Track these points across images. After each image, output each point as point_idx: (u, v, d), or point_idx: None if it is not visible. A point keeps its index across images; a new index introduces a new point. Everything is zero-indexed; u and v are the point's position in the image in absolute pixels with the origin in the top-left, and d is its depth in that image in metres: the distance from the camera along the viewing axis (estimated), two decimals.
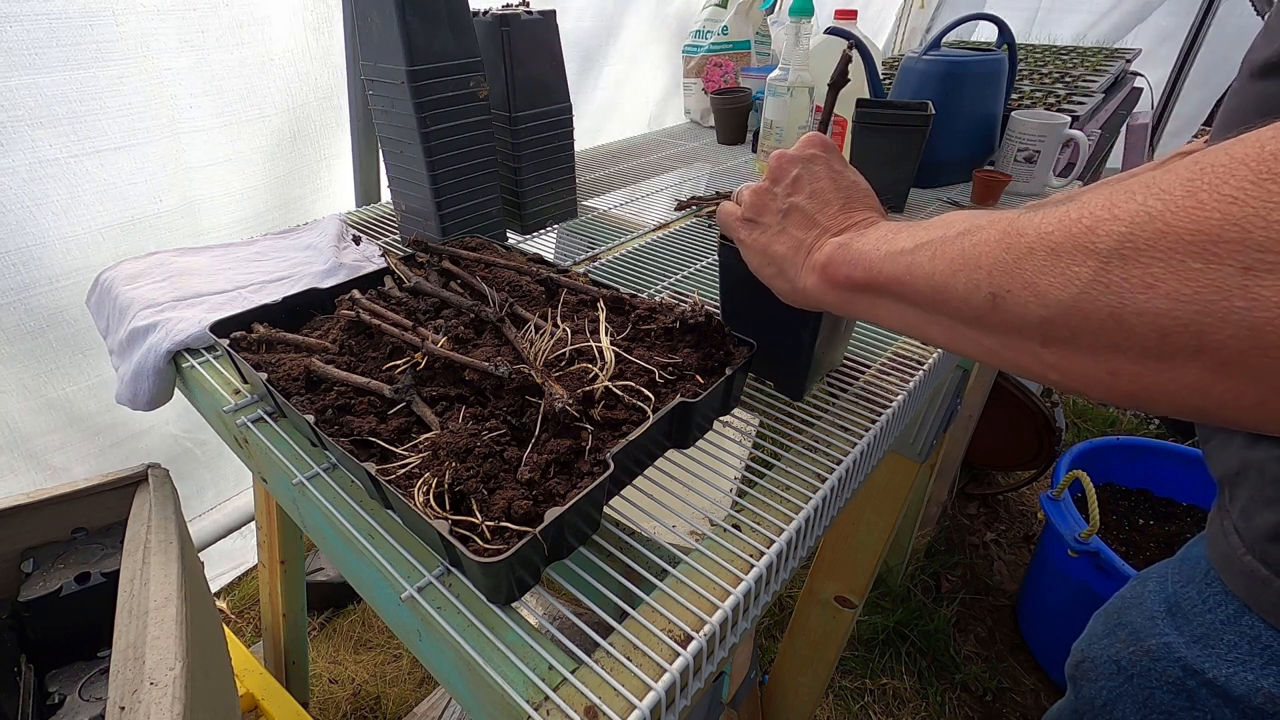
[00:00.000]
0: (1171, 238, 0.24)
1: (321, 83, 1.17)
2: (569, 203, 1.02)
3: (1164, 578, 0.50)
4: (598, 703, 0.35)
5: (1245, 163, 0.23)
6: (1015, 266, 0.29)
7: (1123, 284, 0.25)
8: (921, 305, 0.36)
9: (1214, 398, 0.25)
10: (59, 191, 0.95)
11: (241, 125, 1.10)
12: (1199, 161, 0.25)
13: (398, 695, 1.34)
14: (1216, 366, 0.24)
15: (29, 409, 1.04)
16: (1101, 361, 0.27)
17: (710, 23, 1.58)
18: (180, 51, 0.99)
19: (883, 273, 0.38)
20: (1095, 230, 0.26)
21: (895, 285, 0.37)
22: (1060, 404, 1.65)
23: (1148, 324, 0.25)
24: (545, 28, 0.88)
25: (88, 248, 1.00)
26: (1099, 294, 0.26)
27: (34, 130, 0.90)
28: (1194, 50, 2.32)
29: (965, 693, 1.40)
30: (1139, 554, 1.41)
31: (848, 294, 0.42)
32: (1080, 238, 0.27)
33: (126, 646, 0.53)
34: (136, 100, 0.97)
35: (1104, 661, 0.53)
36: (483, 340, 0.57)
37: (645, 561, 0.44)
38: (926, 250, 0.35)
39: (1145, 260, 0.25)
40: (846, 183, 0.47)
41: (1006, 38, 1.11)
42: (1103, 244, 0.26)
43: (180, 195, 1.08)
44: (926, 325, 0.37)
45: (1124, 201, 0.26)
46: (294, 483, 0.50)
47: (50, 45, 0.87)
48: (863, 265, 0.40)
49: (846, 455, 0.52)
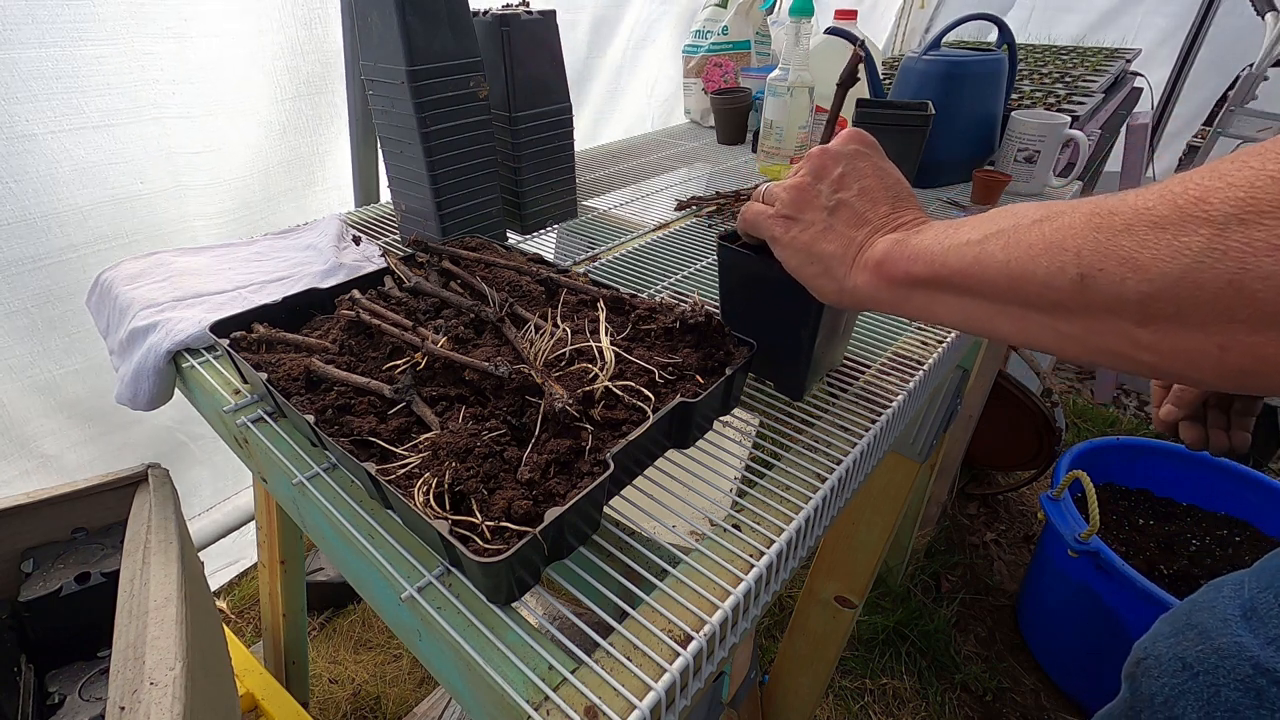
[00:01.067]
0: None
1: (314, 76, 1.17)
2: (569, 203, 1.02)
3: (1240, 584, 0.51)
4: (598, 703, 0.35)
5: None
6: (1109, 245, 0.28)
7: (1244, 249, 0.24)
8: (990, 296, 0.35)
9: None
10: (38, 167, 0.94)
11: (232, 115, 1.10)
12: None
13: (398, 695, 1.34)
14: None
15: (17, 391, 1.03)
16: (1212, 335, 0.26)
17: (710, 23, 1.58)
18: (163, 37, 0.99)
19: (947, 265, 0.37)
20: (1207, 199, 0.26)
21: (961, 277, 0.36)
22: (1060, 404, 1.65)
23: (1274, 288, 0.24)
24: (545, 28, 0.89)
25: (69, 225, 1.00)
26: (1214, 262, 0.25)
27: (10, 106, 0.89)
28: (1194, 50, 2.32)
29: (965, 693, 1.40)
30: (1139, 554, 1.41)
31: (904, 290, 0.41)
32: (1189, 208, 0.26)
33: (126, 646, 0.53)
34: (116, 80, 0.97)
35: (1169, 659, 0.53)
36: (483, 340, 0.57)
37: (645, 561, 0.44)
38: (997, 240, 0.34)
39: (1270, 222, 0.24)
40: (893, 180, 0.46)
41: (1006, 38, 1.11)
42: (1217, 211, 0.25)
43: (165, 180, 1.07)
44: (994, 317, 0.36)
45: (1235, 170, 0.25)
46: (294, 483, 0.50)
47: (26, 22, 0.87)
48: (924, 260, 0.39)
49: (846, 455, 0.52)
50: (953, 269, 0.37)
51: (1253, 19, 1.91)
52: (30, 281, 0.99)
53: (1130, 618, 1.19)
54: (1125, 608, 1.19)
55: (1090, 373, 2.46)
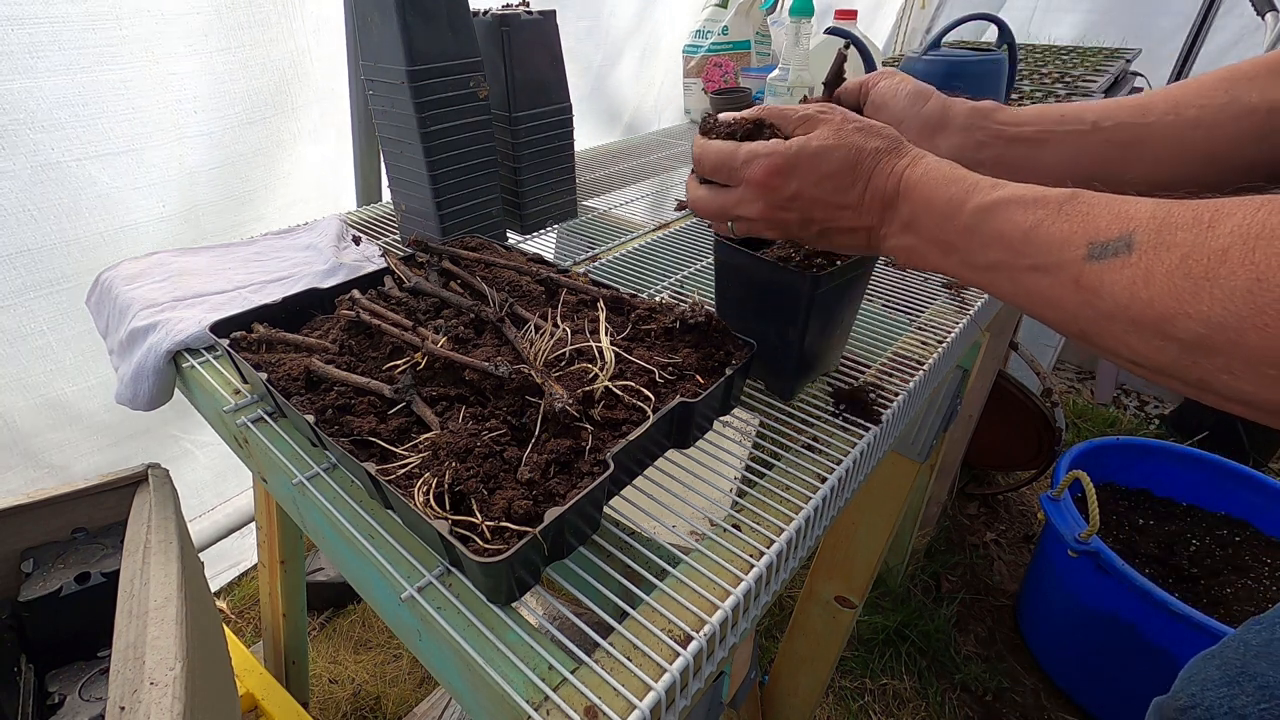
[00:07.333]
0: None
1: (322, 85, 1.17)
2: (569, 203, 1.02)
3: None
4: (598, 703, 0.35)
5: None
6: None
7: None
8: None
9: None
10: (62, 195, 0.95)
11: (241, 129, 1.10)
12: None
13: (398, 695, 1.34)
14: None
15: (28, 408, 1.04)
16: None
17: (710, 23, 1.58)
18: (185, 56, 0.99)
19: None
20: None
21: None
22: (1060, 404, 1.65)
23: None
24: (545, 28, 0.89)
25: (91, 250, 1.00)
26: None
27: (36, 134, 0.89)
28: (1194, 50, 2.32)
29: (965, 693, 1.40)
30: (1139, 554, 1.41)
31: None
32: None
33: (126, 646, 0.53)
34: (141, 103, 0.97)
35: (1224, 713, 0.50)
36: (483, 340, 0.57)
37: (645, 561, 0.44)
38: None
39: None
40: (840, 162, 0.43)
41: (1006, 38, 1.11)
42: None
43: (181, 200, 1.08)
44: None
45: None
46: (294, 483, 0.50)
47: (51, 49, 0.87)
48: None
49: (846, 455, 0.52)
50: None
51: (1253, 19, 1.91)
52: (47, 304, 1.00)
53: (1130, 618, 1.19)
54: (1125, 608, 1.19)
55: (1090, 372, 2.46)
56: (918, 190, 0.41)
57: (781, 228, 0.46)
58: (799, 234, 0.46)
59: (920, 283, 0.81)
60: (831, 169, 0.42)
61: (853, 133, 0.43)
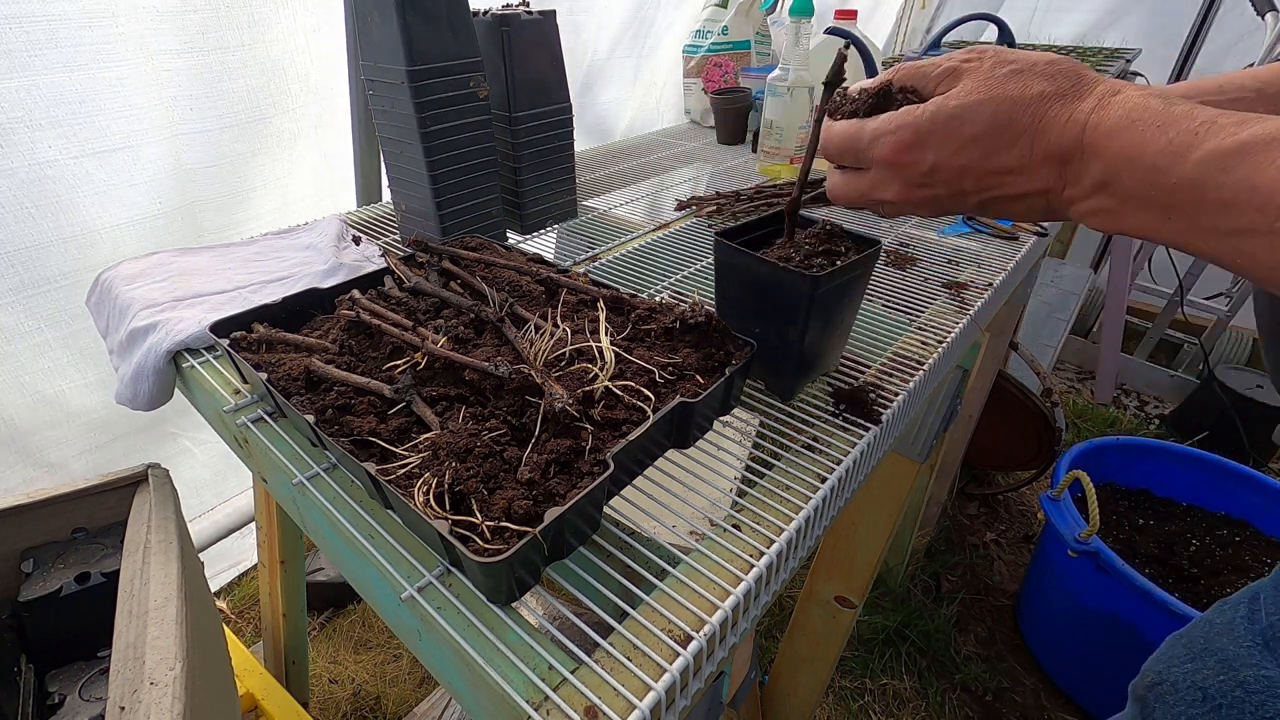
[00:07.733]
0: None
1: (320, 85, 1.17)
2: (569, 203, 1.02)
3: (1256, 604, 0.48)
4: (598, 703, 0.35)
5: None
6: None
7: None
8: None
9: None
10: (59, 192, 0.95)
11: (241, 127, 1.10)
12: None
13: (398, 695, 1.34)
14: None
15: (25, 405, 1.04)
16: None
17: (710, 23, 1.58)
18: (178, 53, 0.99)
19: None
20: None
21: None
22: (1060, 404, 1.65)
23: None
24: (545, 28, 0.89)
25: (87, 247, 1.00)
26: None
27: (34, 132, 0.89)
28: (1194, 50, 2.32)
29: (965, 693, 1.40)
30: (1139, 554, 1.41)
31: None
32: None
33: (126, 646, 0.53)
34: (136, 100, 0.97)
35: (1186, 688, 0.50)
36: (483, 340, 0.57)
37: (645, 561, 0.44)
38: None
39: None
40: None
41: (1006, 38, 1.11)
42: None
43: (180, 198, 1.08)
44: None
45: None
46: (294, 483, 0.50)
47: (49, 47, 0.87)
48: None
49: (846, 455, 0.52)
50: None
51: (1253, 19, 1.91)
52: (44, 301, 1.00)
53: (1130, 618, 1.19)
54: (1125, 608, 1.19)
55: (1090, 372, 2.46)
56: (1115, 139, 0.33)
57: (931, 205, 0.41)
58: (955, 208, 0.41)
59: (920, 283, 0.81)
60: (978, 130, 0.36)
61: (1005, 79, 0.36)
